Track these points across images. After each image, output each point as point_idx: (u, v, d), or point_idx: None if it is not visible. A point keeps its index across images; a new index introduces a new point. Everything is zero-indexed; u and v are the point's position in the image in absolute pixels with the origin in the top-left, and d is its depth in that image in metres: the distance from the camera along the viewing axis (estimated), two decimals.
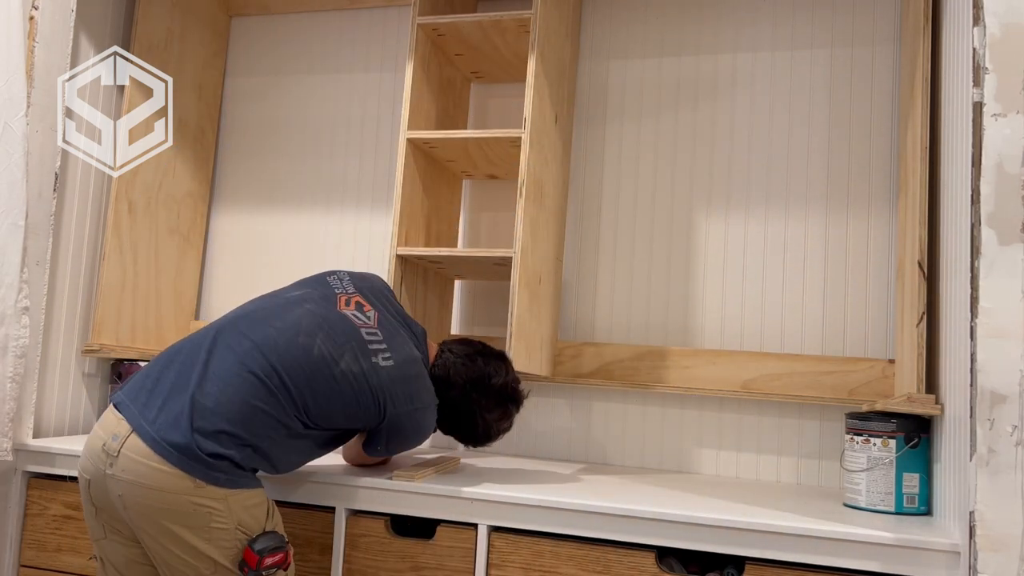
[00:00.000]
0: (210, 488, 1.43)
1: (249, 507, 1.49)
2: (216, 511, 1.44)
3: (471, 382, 1.75)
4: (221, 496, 1.44)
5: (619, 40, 2.37)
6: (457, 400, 1.75)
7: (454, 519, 1.65)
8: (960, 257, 1.47)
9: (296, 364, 1.52)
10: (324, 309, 1.62)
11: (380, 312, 1.69)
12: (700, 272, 2.23)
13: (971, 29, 1.40)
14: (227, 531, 1.45)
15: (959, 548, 1.39)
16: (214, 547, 1.45)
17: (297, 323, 1.57)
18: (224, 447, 1.44)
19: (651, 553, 1.56)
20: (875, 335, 2.07)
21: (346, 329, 1.60)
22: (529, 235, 1.96)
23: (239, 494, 1.47)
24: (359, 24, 2.59)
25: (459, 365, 1.76)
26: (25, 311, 1.93)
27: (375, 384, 1.58)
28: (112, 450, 1.44)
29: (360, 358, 1.58)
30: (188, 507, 1.43)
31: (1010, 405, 1.28)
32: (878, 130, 2.14)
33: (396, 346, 1.64)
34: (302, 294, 1.67)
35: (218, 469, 1.44)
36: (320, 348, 1.55)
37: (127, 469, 1.43)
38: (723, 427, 2.15)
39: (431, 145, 2.11)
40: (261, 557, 1.46)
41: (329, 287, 1.70)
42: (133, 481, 1.42)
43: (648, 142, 2.31)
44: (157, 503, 1.42)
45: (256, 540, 1.48)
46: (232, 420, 1.46)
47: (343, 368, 1.55)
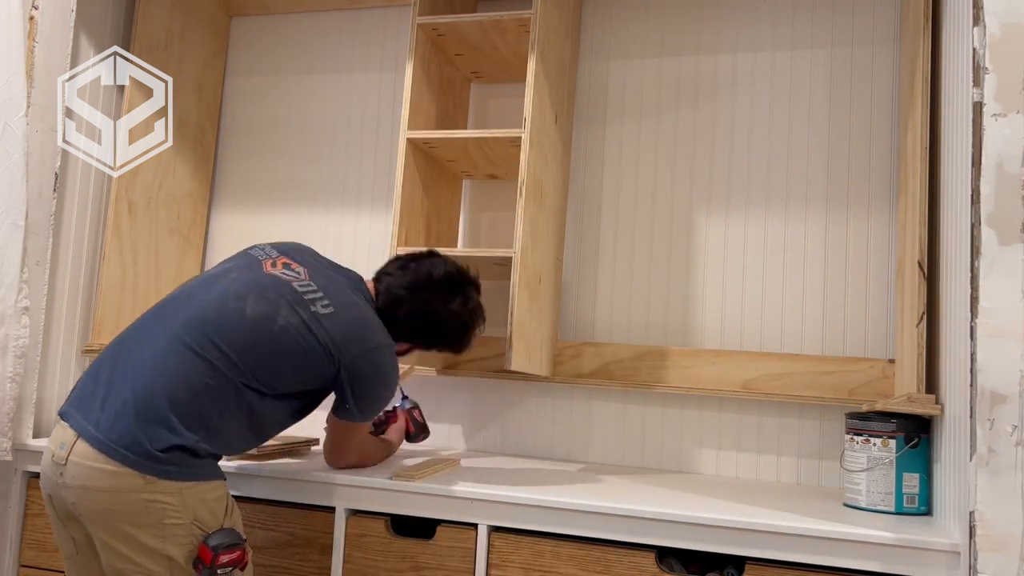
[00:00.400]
0: (162, 483, 1.38)
1: (207, 501, 1.43)
2: (170, 506, 1.39)
3: (413, 286, 1.70)
4: (175, 490, 1.39)
5: (619, 40, 2.37)
6: (413, 311, 1.69)
7: (454, 519, 1.65)
8: (960, 257, 1.47)
9: (232, 330, 1.48)
10: (251, 274, 1.58)
11: (309, 267, 1.64)
12: (700, 272, 2.23)
13: (971, 29, 1.40)
14: (183, 526, 1.40)
15: (959, 548, 1.39)
16: (170, 544, 1.39)
17: (225, 291, 1.53)
18: (174, 435, 1.39)
19: (651, 553, 1.56)
20: (875, 335, 2.07)
21: (277, 286, 1.56)
22: (529, 235, 1.96)
23: (195, 487, 1.42)
24: (359, 24, 2.59)
25: (396, 279, 1.72)
26: (25, 311, 1.93)
27: (319, 333, 1.53)
28: (60, 459, 1.40)
29: (297, 309, 1.53)
30: (140, 506, 1.37)
31: (1010, 405, 1.28)
32: (878, 130, 2.14)
33: (333, 293, 1.59)
34: (226, 268, 1.63)
35: (169, 462, 1.38)
36: (253, 308, 1.51)
37: (76, 475, 1.38)
38: (723, 427, 2.15)
39: (431, 145, 2.10)
40: (216, 553, 1.40)
41: (252, 256, 1.66)
42: (83, 486, 1.38)
43: (648, 142, 2.31)
44: (109, 505, 1.38)
45: (211, 536, 1.42)
46: (177, 403, 1.41)
47: (281, 323, 1.51)
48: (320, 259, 1.72)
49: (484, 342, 2.32)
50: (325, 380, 1.58)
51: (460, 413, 2.35)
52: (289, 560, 1.74)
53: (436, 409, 2.37)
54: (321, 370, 1.55)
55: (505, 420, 2.32)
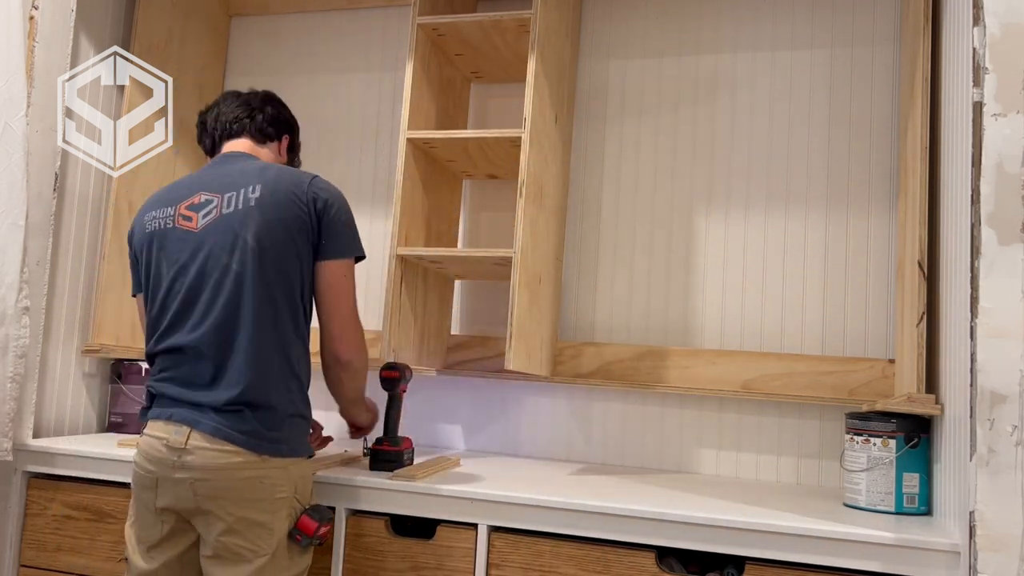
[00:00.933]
0: (274, 459, 1.51)
1: (304, 477, 1.58)
2: (278, 483, 1.51)
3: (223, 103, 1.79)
4: (282, 466, 1.52)
5: (619, 40, 2.37)
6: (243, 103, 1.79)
7: (454, 519, 1.65)
8: (960, 257, 1.47)
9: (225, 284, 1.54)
10: (179, 243, 1.59)
11: (203, 186, 1.64)
12: (700, 272, 2.23)
13: (971, 29, 1.40)
14: (287, 500, 1.53)
15: (959, 548, 1.39)
16: (276, 517, 1.51)
17: (200, 277, 1.57)
18: (287, 402, 1.54)
19: (651, 553, 1.56)
20: (875, 335, 2.07)
21: (202, 238, 1.57)
22: (529, 235, 1.96)
23: (297, 464, 1.56)
24: (359, 24, 2.59)
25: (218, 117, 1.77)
26: (25, 311, 1.93)
27: (272, 209, 1.56)
28: (177, 444, 1.49)
29: (247, 223, 1.55)
30: (254, 482, 1.49)
31: (1010, 405, 1.28)
32: (878, 130, 2.14)
33: (242, 177, 1.61)
34: (169, 259, 1.62)
35: (277, 441, 1.52)
36: (223, 264, 1.55)
37: (197, 457, 1.48)
38: (723, 427, 2.15)
39: (431, 145, 2.11)
40: (319, 524, 1.53)
41: (167, 234, 1.63)
42: (205, 466, 1.48)
43: (648, 142, 2.31)
44: (227, 484, 1.48)
45: (312, 509, 1.55)
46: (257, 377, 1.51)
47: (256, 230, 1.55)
48: (205, 169, 1.71)
49: (484, 342, 2.33)
50: (311, 228, 1.60)
51: (460, 413, 2.35)
52: None
53: (436, 409, 2.37)
54: (306, 232, 1.59)
55: (505, 420, 2.32)
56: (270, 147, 1.80)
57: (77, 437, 2.14)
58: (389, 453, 1.83)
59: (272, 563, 1.50)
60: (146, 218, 1.66)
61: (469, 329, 2.39)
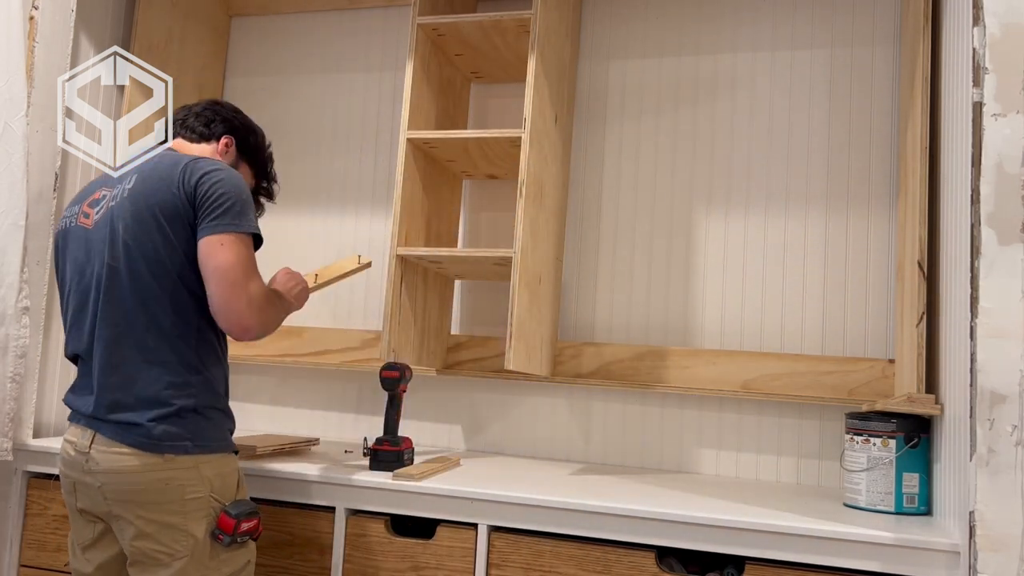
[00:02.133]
0: (179, 459, 1.44)
1: (220, 474, 1.50)
2: (187, 483, 1.45)
3: (195, 107, 1.75)
4: (191, 464, 1.45)
5: (619, 40, 2.37)
6: (204, 106, 1.75)
7: (454, 519, 1.65)
8: (960, 257, 1.47)
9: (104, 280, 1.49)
10: (80, 246, 1.55)
11: (107, 183, 1.60)
12: (700, 272, 2.23)
13: (971, 29, 1.40)
14: (202, 499, 1.46)
15: (959, 548, 1.39)
16: (191, 520, 1.45)
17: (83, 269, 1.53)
18: (172, 410, 1.45)
19: (651, 553, 1.56)
20: (875, 335, 2.07)
21: (97, 233, 1.53)
22: (529, 235, 1.96)
23: (209, 461, 1.48)
24: (359, 24, 2.59)
25: (183, 119, 1.73)
26: (25, 311, 1.93)
27: (148, 198, 1.48)
28: (83, 448, 1.47)
29: (115, 223, 1.49)
30: (158, 484, 1.43)
31: (1010, 405, 1.28)
32: (878, 130, 2.14)
33: (123, 179, 1.55)
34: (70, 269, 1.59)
35: (181, 438, 1.45)
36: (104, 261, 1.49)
37: (100, 461, 1.45)
38: (723, 427, 2.15)
39: (431, 145, 2.11)
40: (238, 521, 1.47)
41: (72, 234, 1.59)
42: (107, 470, 1.44)
43: (648, 142, 2.31)
44: (130, 486, 1.43)
45: (231, 506, 1.49)
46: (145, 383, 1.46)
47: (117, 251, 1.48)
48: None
49: (484, 342, 2.33)
50: (187, 225, 1.49)
51: (460, 413, 2.35)
52: (289, 560, 1.74)
53: (436, 409, 2.37)
54: (179, 220, 1.48)
55: (505, 420, 2.32)
56: (204, 148, 1.69)
57: None
58: (389, 453, 1.83)
59: (192, 564, 1.44)
60: (62, 218, 1.63)
61: (469, 329, 2.39)
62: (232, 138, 1.73)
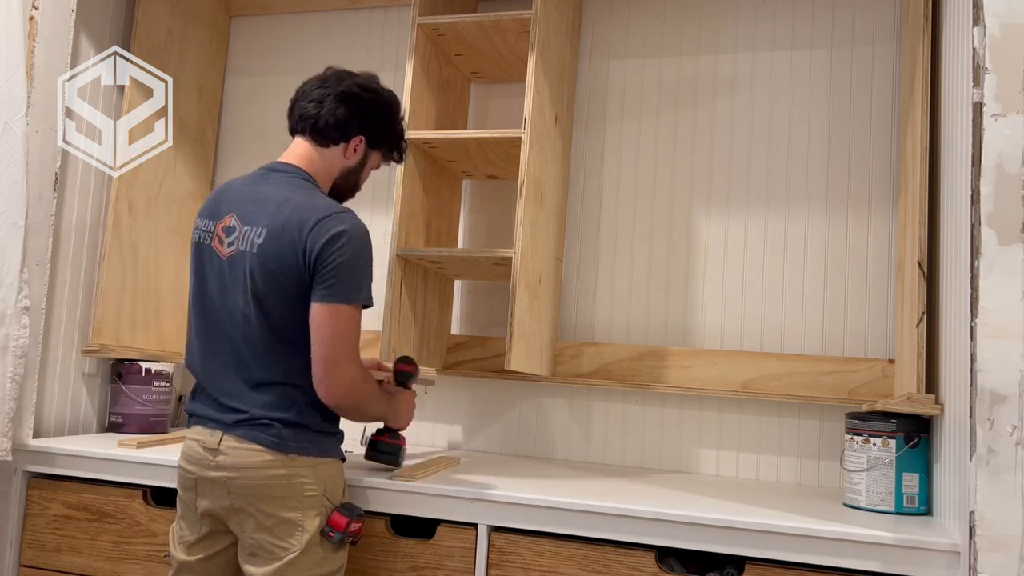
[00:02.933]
0: (302, 459, 1.54)
1: (333, 476, 1.59)
2: (307, 481, 1.54)
3: (319, 85, 1.72)
4: (310, 465, 1.55)
5: (619, 40, 2.37)
6: (336, 96, 1.68)
7: (454, 519, 1.65)
8: (960, 257, 1.47)
9: (241, 321, 1.57)
10: (215, 274, 1.61)
11: (238, 210, 1.60)
12: (700, 272, 2.23)
13: (971, 29, 1.40)
14: (316, 498, 1.55)
15: (959, 548, 1.39)
16: (305, 515, 1.53)
17: (222, 301, 1.60)
18: (301, 419, 1.55)
19: (651, 553, 1.56)
20: (875, 335, 2.07)
21: (233, 260, 1.57)
22: (529, 235, 1.96)
23: (325, 464, 1.58)
24: (359, 24, 2.59)
25: (304, 99, 1.71)
26: (25, 311, 1.93)
27: (269, 262, 1.52)
28: (212, 445, 1.55)
29: (249, 263, 1.54)
30: (282, 480, 1.52)
31: (1010, 405, 1.28)
32: (878, 130, 2.14)
33: (261, 215, 1.56)
34: (200, 276, 1.65)
35: (304, 440, 1.55)
36: (237, 301, 1.56)
37: (229, 456, 1.53)
38: (723, 427, 2.15)
39: (431, 145, 2.11)
40: (349, 520, 1.56)
41: (203, 250, 1.64)
42: (236, 464, 1.52)
43: (648, 142, 2.31)
44: (257, 481, 1.52)
45: (342, 506, 1.58)
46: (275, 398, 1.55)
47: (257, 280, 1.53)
48: (251, 181, 1.65)
49: (484, 342, 2.33)
50: (305, 277, 1.54)
51: (460, 413, 2.35)
52: None
53: (436, 409, 2.37)
54: (299, 271, 1.53)
55: (505, 420, 2.32)
56: (332, 151, 1.68)
57: (77, 437, 2.14)
58: (390, 445, 1.83)
59: (303, 558, 1.52)
60: (197, 222, 1.67)
61: (469, 329, 2.39)
62: (363, 138, 1.71)
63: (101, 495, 1.90)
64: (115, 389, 2.27)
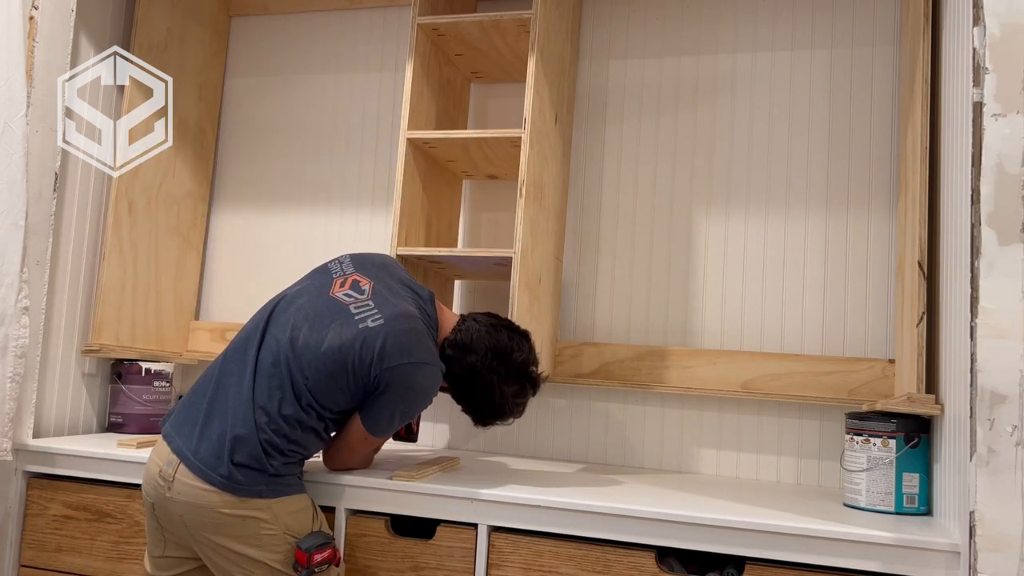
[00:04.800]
0: (254, 501, 1.52)
1: (294, 512, 1.56)
2: (263, 520, 1.52)
3: (492, 350, 1.71)
4: (265, 506, 1.53)
5: (619, 40, 2.37)
6: (476, 367, 1.70)
7: (454, 519, 1.65)
8: (960, 257, 1.47)
9: (288, 358, 1.57)
10: (315, 300, 1.65)
11: (378, 282, 1.68)
12: (700, 272, 2.23)
13: (971, 29, 1.40)
14: (276, 536, 1.53)
15: (959, 548, 1.39)
16: (266, 552, 1.53)
17: (287, 323, 1.62)
18: (261, 470, 1.53)
19: (651, 553, 1.56)
20: (875, 335, 2.07)
21: (333, 309, 1.61)
22: (529, 235, 1.96)
23: (282, 502, 1.55)
24: (359, 24, 2.59)
25: (483, 332, 1.72)
26: (25, 311, 1.93)
27: (364, 343, 1.56)
28: (168, 475, 1.53)
29: (345, 327, 1.58)
30: (236, 520, 1.51)
31: (1010, 405, 1.28)
32: (878, 130, 2.14)
33: (388, 306, 1.62)
34: (300, 288, 1.70)
35: (257, 488, 1.52)
36: (305, 338, 1.58)
37: (182, 492, 1.52)
38: (723, 427, 2.15)
39: (431, 145, 2.11)
40: (310, 554, 1.53)
41: (328, 274, 1.72)
42: (188, 502, 1.51)
43: (648, 142, 2.31)
44: (210, 520, 1.51)
45: (303, 540, 1.55)
46: (263, 440, 1.53)
47: (328, 344, 1.56)
48: (395, 272, 1.75)
49: None
50: (368, 389, 1.60)
51: (460, 413, 2.34)
52: None
53: (436, 409, 2.37)
54: (365, 381, 1.58)
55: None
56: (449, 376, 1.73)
57: (77, 437, 2.14)
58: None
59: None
60: (340, 259, 1.78)
61: None
62: (451, 388, 1.77)
63: (101, 495, 1.90)
64: (115, 389, 2.27)
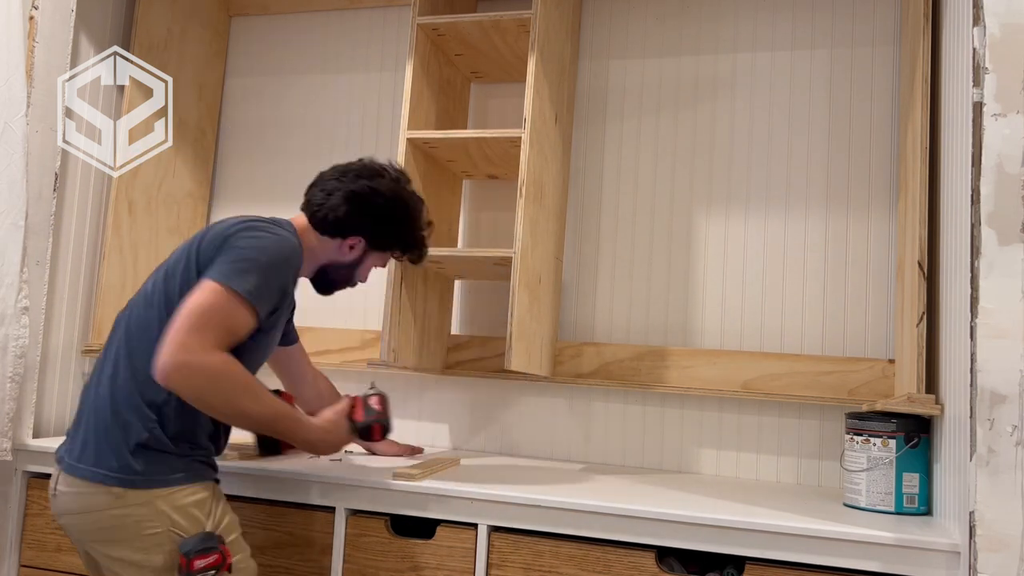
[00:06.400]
0: (130, 494, 1.38)
1: (181, 507, 1.41)
2: (144, 517, 1.39)
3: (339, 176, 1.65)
4: (144, 500, 1.39)
5: (619, 40, 2.37)
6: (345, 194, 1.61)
7: (454, 519, 1.65)
8: (960, 257, 1.47)
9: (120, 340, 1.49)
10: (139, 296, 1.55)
11: None
12: (700, 272, 2.23)
13: (971, 29, 1.40)
14: (161, 534, 1.39)
15: (959, 548, 1.39)
16: (154, 555, 1.40)
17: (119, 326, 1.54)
18: (132, 433, 1.39)
19: (651, 553, 1.56)
20: (875, 335, 2.07)
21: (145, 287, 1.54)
22: (529, 235, 1.96)
23: (164, 494, 1.40)
24: (359, 24, 2.59)
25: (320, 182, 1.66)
26: (25, 311, 1.93)
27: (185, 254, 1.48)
28: (52, 491, 1.47)
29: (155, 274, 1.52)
30: (114, 521, 1.39)
31: (1010, 405, 1.28)
32: (878, 130, 2.14)
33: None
34: None
35: (132, 469, 1.38)
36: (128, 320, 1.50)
37: (62, 503, 1.44)
38: (723, 427, 2.15)
39: (431, 145, 2.10)
40: (189, 559, 1.38)
41: None
42: (66, 511, 1.44)
43: (648, 142, 2.31)
44: (89, 526, 1.41)
45: (183, 542, 1.40)
46: (128, 407, 1.41)
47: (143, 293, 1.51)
48: None
49: (484, 342, 2.33)
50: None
51: (460, 413, 2.35)
52: (289, 560, 1.74)
53: (436, 409, 2.37)
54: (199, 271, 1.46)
55: (505, 420, 2.32)
56: (328, 242, 1.64)
57: None
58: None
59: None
60: None
61: (469, 329, 2.39)
62: (362, 239, 1.66)
63: None
64: None
